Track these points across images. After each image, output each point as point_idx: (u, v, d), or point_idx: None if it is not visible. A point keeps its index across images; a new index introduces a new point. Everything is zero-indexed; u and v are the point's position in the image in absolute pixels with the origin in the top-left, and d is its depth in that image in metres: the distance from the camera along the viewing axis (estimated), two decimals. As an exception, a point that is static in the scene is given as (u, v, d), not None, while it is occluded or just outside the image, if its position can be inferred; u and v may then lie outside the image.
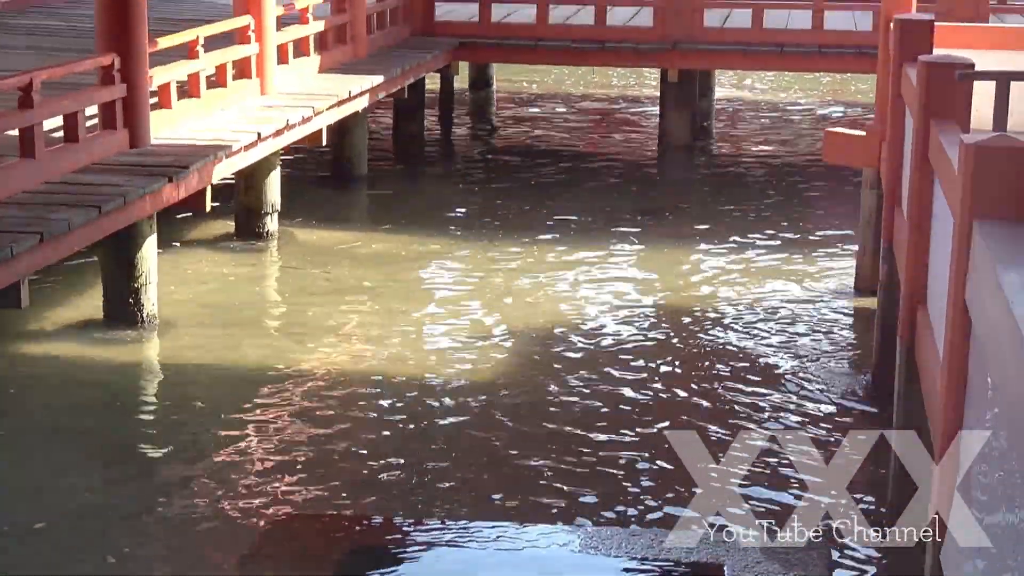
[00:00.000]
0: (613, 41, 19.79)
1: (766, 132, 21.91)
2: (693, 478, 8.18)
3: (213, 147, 12.43)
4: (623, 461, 9.35)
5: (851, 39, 19.16)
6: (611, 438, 9.73)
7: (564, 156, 19.82)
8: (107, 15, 12.08)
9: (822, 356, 11.51)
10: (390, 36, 19.20)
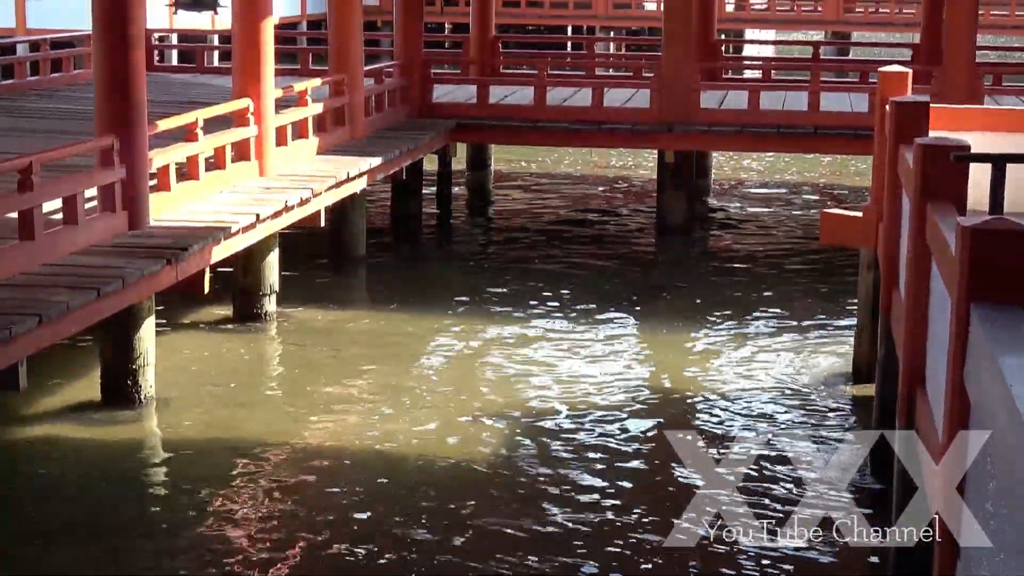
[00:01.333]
0: (610, 123, 19.90)
1: (763, 212, 21.99)
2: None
3: (212, 229, 12.46)
4: (617, 546, 9.31)
5: (847, 120, 19.27)
6: (607, 521, 9.69)
7: (561, 236, 19.87)
8: (107, 98, 12.16)
9: (819, 438, 11.48)
10: (388, 118, 19.31)
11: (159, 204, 12.68)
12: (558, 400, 12.30)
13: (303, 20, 43.21)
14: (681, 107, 19.59)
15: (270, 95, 15.22)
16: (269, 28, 15.29)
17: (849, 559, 7.81)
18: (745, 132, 19.59)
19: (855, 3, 50.25)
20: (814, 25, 49.31)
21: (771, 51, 42.93)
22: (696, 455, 9.72)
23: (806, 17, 49.21)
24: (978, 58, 21.03)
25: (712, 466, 10.18)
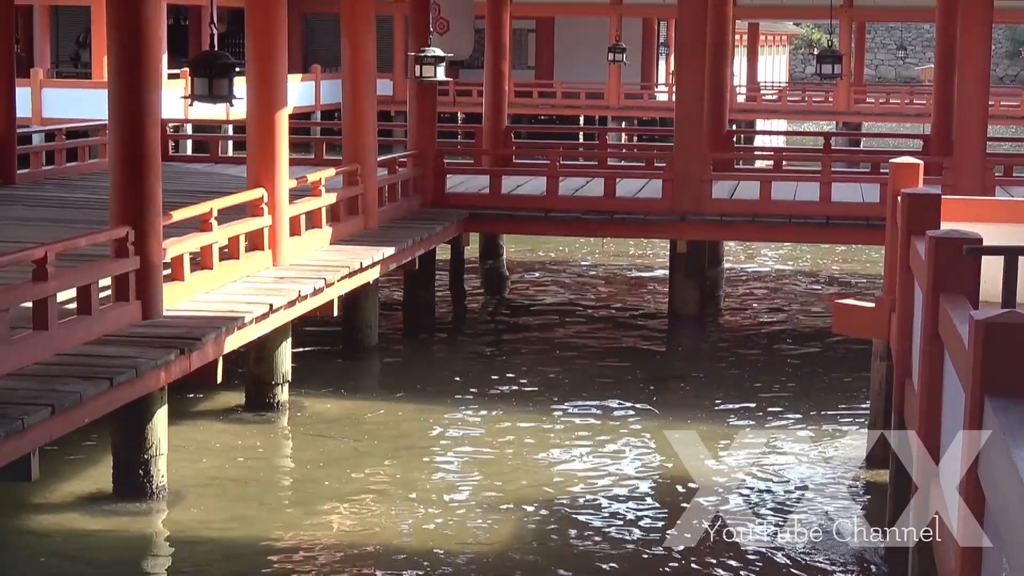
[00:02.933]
0: (622, 212, 19.98)
1: (775, 301, 22.00)
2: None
3: (225, 319, 12.49)
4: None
5: (859, 211, 19.33)
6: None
7: (574, 325, 19.88)
8: (122, 188, 12.24)
9: (832, 529, 11.40)
10: (402, 207, 19.41)
11: (173, 294, 12.72)
12: (572, 492, 12.25)
13: (317, 110, 43.54)
14: (693, 197, 19.67)
15: (284, 185, 15.32)
16: (283, 119, 15.41)
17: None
18: (757, 222, 19.66)
19: (865, 94, 50.60)
20: (825, 116, 49.61)
21: (782, 141, 43.19)
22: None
23: (817, 108, 49.54)
24: (989, 149, 21.11)
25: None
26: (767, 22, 60.23)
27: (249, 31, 15.28)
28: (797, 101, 50.91)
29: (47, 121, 32.51)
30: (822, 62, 20.93)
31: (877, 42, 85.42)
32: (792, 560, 10.46)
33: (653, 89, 50.56)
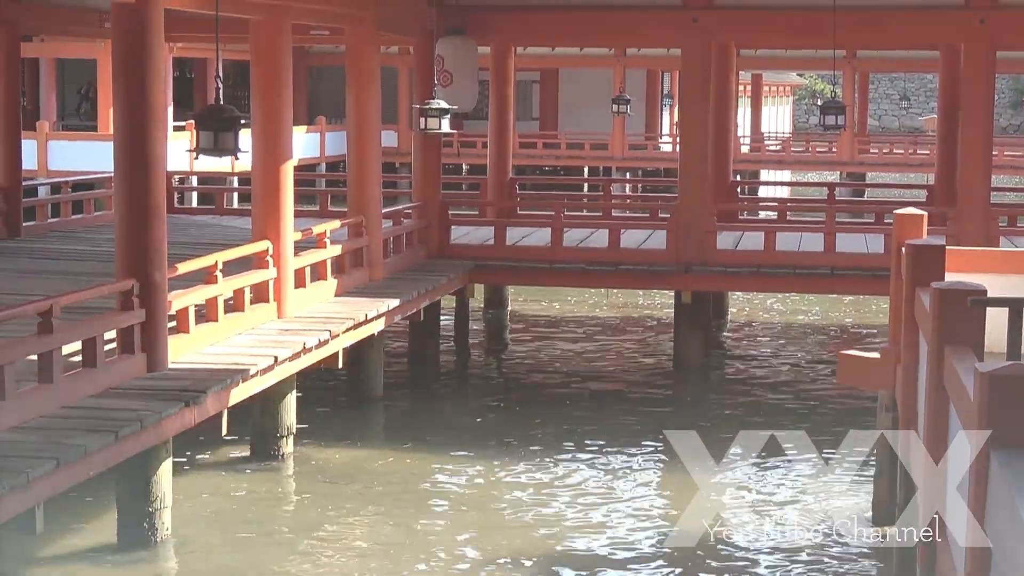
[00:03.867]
0: (627, 264, 20.01)
1: (781, 352, 21.97)
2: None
3: (230, 371, 12.50)
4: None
5: (863, 261, 19.34)
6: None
7: (578, 376, 19.86)
8: (127, 241, 12.28)
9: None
10: (406, 259, 19.43)
11: (178, 346, 12.73)
12: (578, 544, 12.21)
13: (322, 162, 43.64)
14: (697, 248, 19.70)
15: (289, 237, 15.35)
16: (289, 171, 15.46)
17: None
18: (761, 273, 19.69)
19: (869, 144, 50.70)
20: (829, 166, 49.69)
21: (786, 192, 43.24)
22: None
23: (821, 158, 49.63)
24: (993, 199, 21.15)
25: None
26: (770, 73, 60.40)
27: (254, 84, 15.36)
28: (801, 151, 50.99)
29: (53, 173, 32.60)
30: (826, 113, 20.94)
31: (880, 92, 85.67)
32: None
33: (657, 140, 50.67)
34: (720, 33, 20.76)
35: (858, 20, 20.01)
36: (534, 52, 38.80)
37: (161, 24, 12.34)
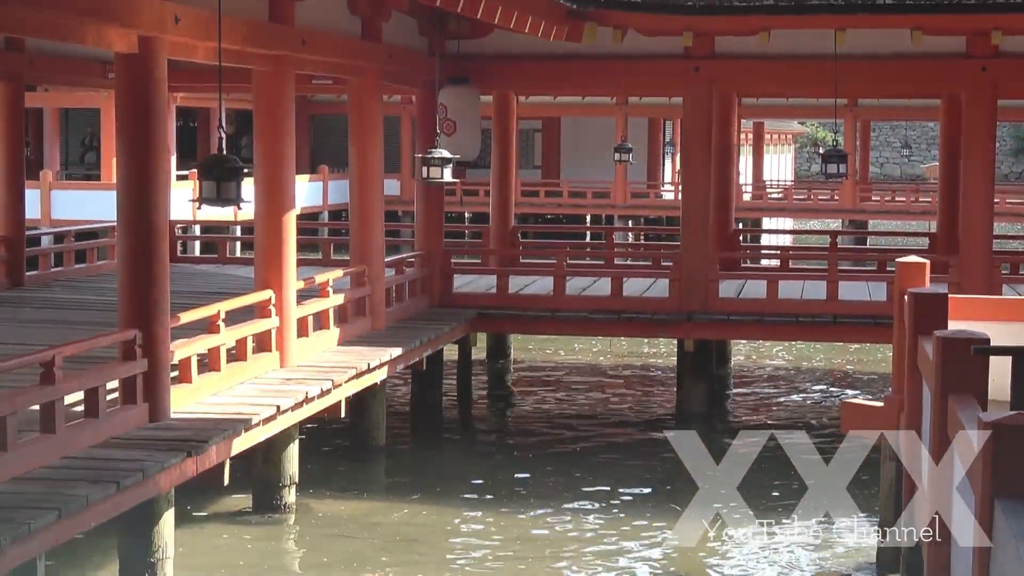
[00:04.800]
0: (630, 312, 20.01)
1: (785, 400, 21.93)
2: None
3: (232, 421, 12.48)
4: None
5: (866, 309, 19.34)
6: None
7: (582, 426, 19.82)
8: (130, 290, 12.28)
9: None
10: (409, 308, 19.44)
11: (180, 396, 12.72)
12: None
13: (325, 210, 43.72)
14: (700, 296, 19.71)
15: (292, 286, 15.36)
16: (291, 220, 15.49)
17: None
18: (764, 321, 19.69)
19: (871, 192, 50.76)
20: (831, 214, 49.73)
21: (789, 240, 43.28)
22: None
23: (823, 206, 49.68)
24: (995, 247, 21.16)
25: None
26: (772, 121, 60.55)
27: (257, 133, 15.40)
28: (803, 199, 51.05)
29: (56, 222, 32.66)
30: (828, 161, 21.01)
31: (882, 140, 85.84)
32: None
33: (659, 188, 50.75)
34: (722, 82, 20.82)
35: (859, 69, 20.07)
36: (536, 101, 38.94)
37: (164, 74, 12.40)
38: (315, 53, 15.89)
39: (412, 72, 19.88)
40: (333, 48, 16.68)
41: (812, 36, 19.80)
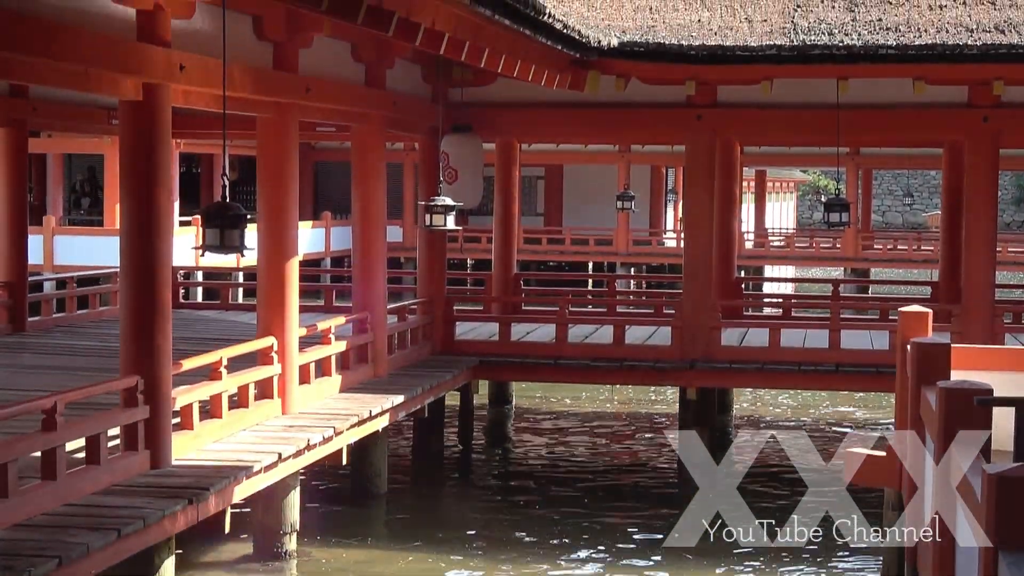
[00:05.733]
0: (631, 360, 19.99)
1: (788, 448, 21.82)
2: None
3: (233, 468, 12.45)
4: None
5: (868, 358, 19.33)
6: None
7: (584, 474, 19.77)
8: (132, 337, 12.27)
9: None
10: (411, 355, 19.43)
11: (182, 443, 12.70)
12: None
13: (327, 256, 43.75)
14: (702, 344, 19.71)
15: (294, 333, 15.36)
16: (294, 267, 15.50)
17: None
18: (766, 369, 19.67)
19: (873, 240, 50.79)
20: (833, 262, 49.76)
21: (791, 288, 43.28)
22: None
23: (825, 254, 49.71)
24: (997, 296, 21.15)
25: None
26: (774, 169, 60.68)
27: (261, 180, 15.43)
28: (805, 247, 51.09)
29: (59, 268, 32.69)
30: (830, 210, 21.01)
31: (884, 188, 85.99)
32: None
33: (661, 235, 50.81)
34: (724, 130, 20.89)
35: (861, 118, 20.13)
36: (539, 148, 39.02)
37: (168, 121, 12.43)
38: (319, 100, 15.94)
39: (415, 119, 19.94)
40: (337, 95, 16.74)
41: (815, 85, 19.87)
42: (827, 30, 18.76)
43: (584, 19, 19.45)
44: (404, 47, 17.20)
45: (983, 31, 18.49)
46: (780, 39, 18.70)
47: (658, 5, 20.24)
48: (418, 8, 12.79)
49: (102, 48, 11.30)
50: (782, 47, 18.54)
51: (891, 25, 18.87)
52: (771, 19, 19.42)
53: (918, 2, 19.49)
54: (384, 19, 12.34)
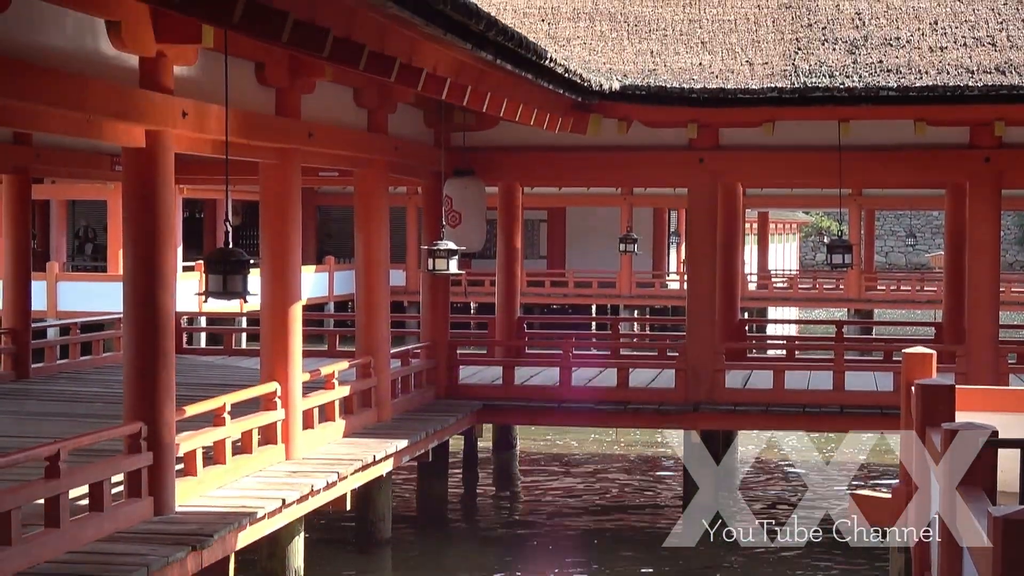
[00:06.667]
0: (635, 403, 19.98)
1: (795, 491, 21.80)
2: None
3: (237, 514, 12.41)
4: None
5: (873, 399, 19.31)
6: None
7: (589, 517, 19.72)
8: (136, 383, 12.25)
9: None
10: (415, 399, 19.41)
11: (185, 489, 12.66)
12: None
13: (331, 301, 43.77)
14: (706, 387, 19.69)
15: (297, 378, 15.34)
16: (297, 312, 15.49)
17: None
18: (771, 411, 19.64)
19: (876, 281, 50.80)
20: (836, 303, 49.76)
21: (794, 329, 43.25)
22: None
23: (828, 295, 49.71)
24: (1001, 336, 21.13)
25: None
26: (777, 210, 60.77)
27: (264, 225, 15.44)
28: (808, 288, 51.09)
29: (63, 314, 32.71)
30: (833, 252, 21.02)
31: (887, 229, 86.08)
32: None
33: (664, 277, 50.84)
34: (726, 173, 20.93)
35: (863, 160, 20.16)
36: (541, 191, 39.08)
37: (171, 168, 12.44)
38: (321, 145, 15.97)
39: (418, 163, 19.98)
40: (339, 140, 16.78)
41: (816, 127, 19.92)
42: (828, 72, 18.83)
43: (586, 63, 19.53)
44: (406, 92, 17.25)
45: (984, 72, 18.55)
46: (781, 81, 18.77)
47: (659, 48, 20.33)
48: (420, 54, 12.83)
49: (105, 96, 11.32)
50: (783, 89, 18.60)
51: (892, 67, 18.93)
52: (772, 62, 19.49)
53: (919, 44, 19.57)
54: (386, 65, 12.37)
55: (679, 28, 21.10)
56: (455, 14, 11.61)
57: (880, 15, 20.78)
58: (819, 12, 21.03)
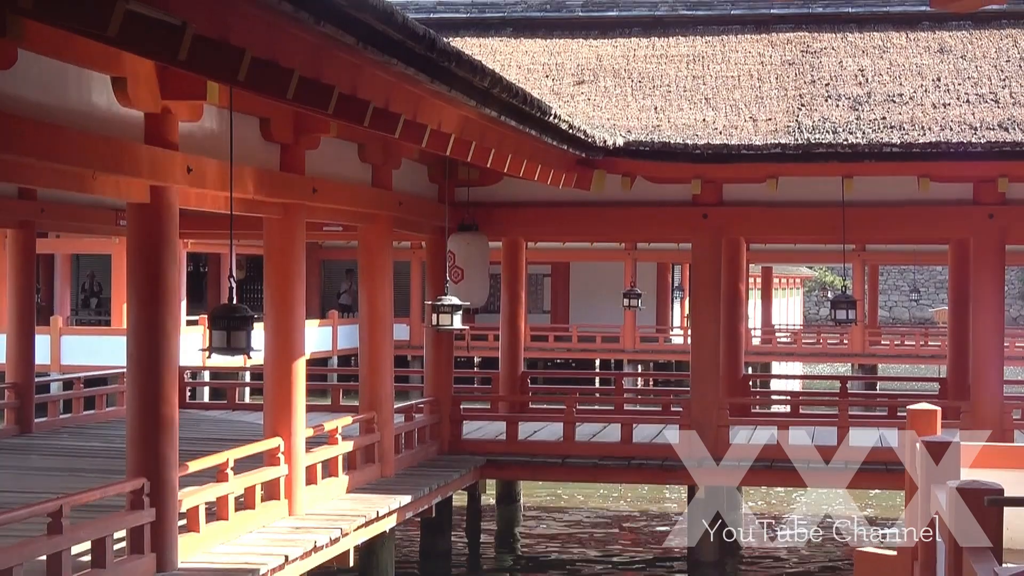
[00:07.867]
0: (640, 458, 19.91)
1: (799, 547, 21.69)
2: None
3: (240, 571, 12.37)
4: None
5: (877, 456, 19.21)
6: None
7: (593, 572, 19.62)
8: (139, 439, 12.23)
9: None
10: (418, 454, 19.37)
11: (188, 545, 12.62)
12: None
13: (334, 355, 43.75)
14: (710, 442, 19.61)
15: (301, 433, 15.31)
16: (301, 368, 15.47)
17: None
18: (775, 467, 19.55)
19: (880, 336, 50.77)
20: (840, 358, 49.69)
21: (798, 385, 43.20)
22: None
23: (832, 350, 49.66)
24: (1006, 392, 21.08)
25: None
26: (780, 265, 60.80)
27: (267, 280, 15.45)
28: (812, 343, 51.05)
29: (66, 368, 32.72)
30: (837, 307, 20.98)
31: (890, 284, 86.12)
32: None
33: (668, 332, 50.81)
34: (730, 228, 20.95)
35: (867, 215, 20.18)
36: (545, 246, 39.12)
37: (176, 223, 12.46)
38: (325, 201, 16.00)
39: (422, 219, 20.01)
40: (343, 196, 16.82)
41: (820, 183, 19.95)
42: (831, 128, 18.88)
43: (590, 119, 19.60)
44: (410, 148, 17.30)
45: (987, 128, 18.60)
46: (785, 138, 18.82)
47: (663, 105, 20.40)
48: (424, 110, 12.87)
49: (110, 151, 11.34)
50: (787, 146, 18.65)
51: (895, 123, 18.98)
52: (776, 118, 19.55)
53: (922, 101, 19.63)
54: (390, 121, 12.40)
55: (683, 84, 21.19)
56: (460, 71, 11.66)
57: (883, 72, 20.87)
58: (822, 69, 21.12)
